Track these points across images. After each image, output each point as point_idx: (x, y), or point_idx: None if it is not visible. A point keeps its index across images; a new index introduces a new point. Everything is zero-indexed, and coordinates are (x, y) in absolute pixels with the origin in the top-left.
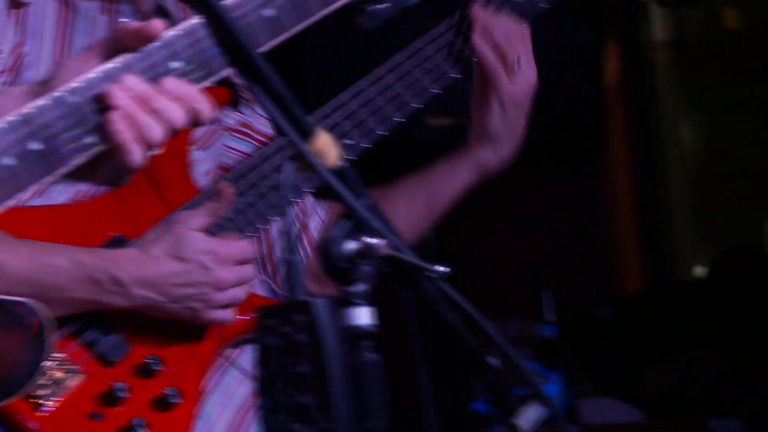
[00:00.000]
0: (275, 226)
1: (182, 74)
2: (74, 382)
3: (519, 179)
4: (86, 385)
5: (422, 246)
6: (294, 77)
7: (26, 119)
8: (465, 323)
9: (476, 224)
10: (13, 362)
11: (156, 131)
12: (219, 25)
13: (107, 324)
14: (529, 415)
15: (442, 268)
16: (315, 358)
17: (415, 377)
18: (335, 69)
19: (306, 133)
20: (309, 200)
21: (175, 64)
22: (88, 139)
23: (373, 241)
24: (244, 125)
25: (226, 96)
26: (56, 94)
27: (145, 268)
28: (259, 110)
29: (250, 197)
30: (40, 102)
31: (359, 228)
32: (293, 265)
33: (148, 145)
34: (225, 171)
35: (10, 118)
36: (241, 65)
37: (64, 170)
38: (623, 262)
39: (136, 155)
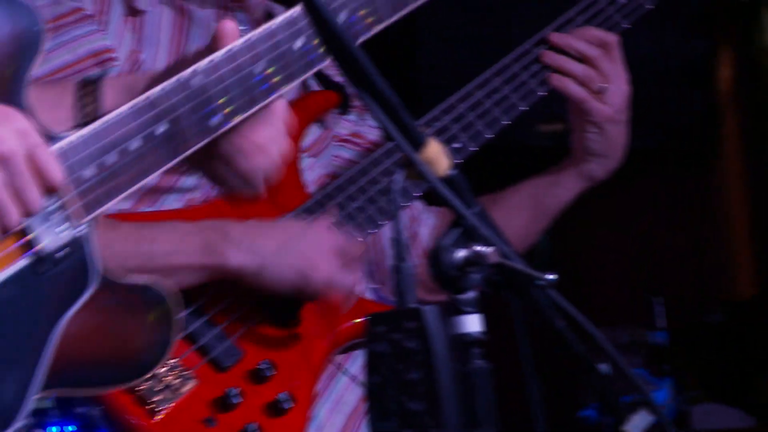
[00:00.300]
0: (385, 234)
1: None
2: (188, 387)
3: (631, 185)
4: (200, 391)
5: (535, 252)
6: (410, 79)
7: (152, 102)
8: (574, 330)
9: (588, 230)
10: (143, 343)
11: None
12: (329, 33)
13: (221, 329)
14: (638, 422)
15: (550, 276)
16: (425, 364)
17: (524, 384)
18: (451, 69)
19: (416, 142)
20: (418, 207)
21: (298, 43)
22: (215, 120)
23: (483, 249)
24: (356, 135)
25: (335, 100)
26: (181, 76)
27: (249, 224)
28: (368, 119)
29: (360, 201)
30: (166, 85)
31: (469, 236)
32: (403, 272)
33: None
34: (334, 177)
35: (136, 101)
36: (352, 74)
37: (189, 152)
38: (735, 267)
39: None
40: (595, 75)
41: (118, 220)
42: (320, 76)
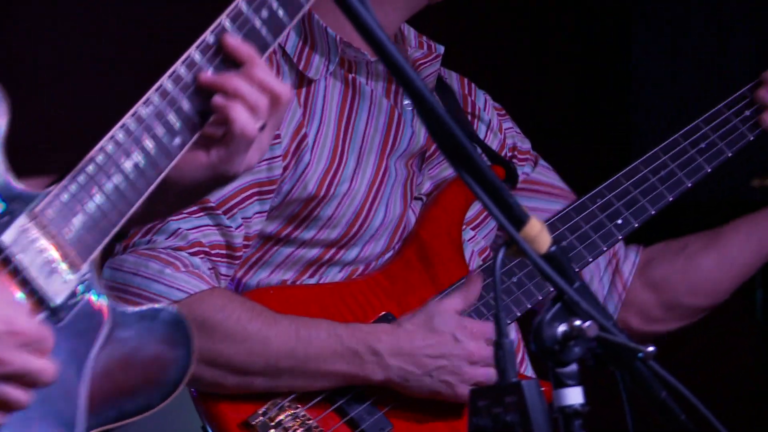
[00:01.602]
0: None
1: None
2: None
3: None
4: None
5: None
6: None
7: (117, 139)
8: (678, 402)
9: None
10: (168, 362)
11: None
12: (428, 112)
13: (371, 402)
14: None
15: (651, 348)
16: None
17: None
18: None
19: (518, 219)
20: (620, 245)
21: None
22: (177, 141)
23: (582, 323)
24: (528, 182)
25: (501, 175)
26: (137, 109)
27: (400, 339)
28: (543, 163)
29: (519, 276)
30: (124, 120)
31: (570, 310)
32: (504, 348)
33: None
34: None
35: (104, 140)
36: (451, 152)
37: (162, 175)
38: None
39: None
40: None
41: (276, 311)
42: (487, 151)
